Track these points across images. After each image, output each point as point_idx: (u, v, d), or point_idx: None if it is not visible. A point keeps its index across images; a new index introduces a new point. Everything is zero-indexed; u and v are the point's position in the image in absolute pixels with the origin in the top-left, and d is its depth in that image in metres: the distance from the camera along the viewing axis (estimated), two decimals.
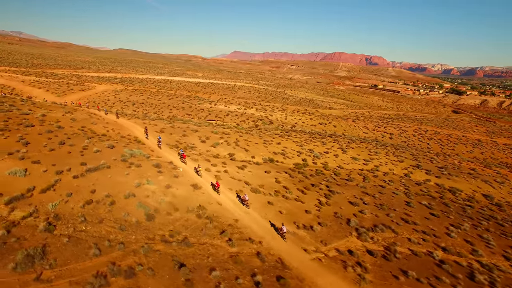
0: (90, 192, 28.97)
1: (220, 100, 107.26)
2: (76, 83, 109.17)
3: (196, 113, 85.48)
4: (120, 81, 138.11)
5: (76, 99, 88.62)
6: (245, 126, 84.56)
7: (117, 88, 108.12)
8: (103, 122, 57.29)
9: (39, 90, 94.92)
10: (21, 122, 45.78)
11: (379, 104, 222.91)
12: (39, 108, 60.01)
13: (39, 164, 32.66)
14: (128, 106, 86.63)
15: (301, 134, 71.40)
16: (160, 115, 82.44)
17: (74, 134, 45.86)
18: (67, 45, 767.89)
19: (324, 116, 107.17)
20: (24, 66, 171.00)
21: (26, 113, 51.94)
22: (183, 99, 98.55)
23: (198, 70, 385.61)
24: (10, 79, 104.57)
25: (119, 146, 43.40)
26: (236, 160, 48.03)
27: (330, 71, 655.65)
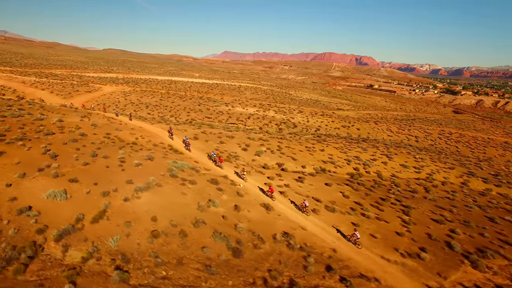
0: (151, 220, 24.11)
1: (235, 101, 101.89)
2: (80, 84, 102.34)
3: (215, 116, 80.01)
4: (124, 81, 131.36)
5: (83, 101, 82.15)
6: (269, 129, 79.41)
7: (125, 89, 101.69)
8: (128, 128, 51.74)
9: (43, 92, 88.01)
10: (39, 129, 40.17)
11: (382, 105, 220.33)
12: (50, 112, 54.24)
13: (78, 183, 27.47)
14: (142, 109, 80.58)
15: (335, 139, 66.77)
16: (178, 118, 76.76)
17: (102, 143, 40.40)
18: (55, 44, 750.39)
19: (344, 118, 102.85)
20: (17, 65, 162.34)
21: (40, 118, 46.29)
22: (197, 100, 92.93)
23: (194, 70, 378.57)
24: (10, 80, 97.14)
25: (158, 157, 38.25)
26: (288, 170, 43.68)
27: (324, 71, 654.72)
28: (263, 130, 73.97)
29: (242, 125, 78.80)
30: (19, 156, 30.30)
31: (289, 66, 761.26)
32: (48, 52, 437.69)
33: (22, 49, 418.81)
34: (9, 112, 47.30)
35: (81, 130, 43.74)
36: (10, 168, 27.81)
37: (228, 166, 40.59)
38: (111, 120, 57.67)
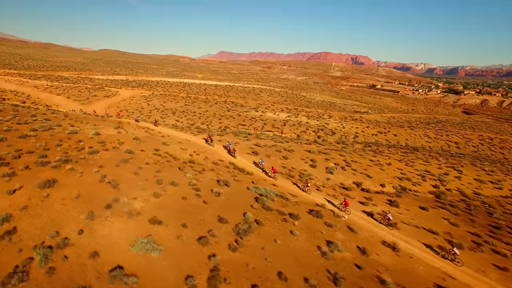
0: (280, 279, 20.24)
1: (260, 106, 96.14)
2: (95, 88, 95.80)
3: (250, 123, 74.27)
4: (137, 84, 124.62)
5: (104, 107, 75.98)
6: (308, 137, 74.00)
7: (143, 93, 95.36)
8: (174, 141, 46.29)
9: (59, 97, 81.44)
10: (80, 146, 35.58)
11: (394, 106, 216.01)
12: (79, 122, 49.21)
13: (163, 225, 22.88)
14: (168, 115, 74.52)
15: (387, 148, 61.61)
16: (210, 125, 70.95)
17: (158, 164, 35.09)
18: (50, 45, 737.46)
19: (373, 123, 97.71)
20: (20, 67, 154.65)
21: (74, 131, 41.67)
22: (224, 105, 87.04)
23: (195, 71, 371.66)
24: (21, 84, 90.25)
25: (231, 181, 33.49)
26: (370, 191, 38.56)
27: (323, 71, 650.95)
28: (309, 139, 68.63)
29: (278, 133, 73.33)
30: (74, 185, 24.62)
31: (287, 66, 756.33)
32: (45, 53, 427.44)
33: (18, 50, 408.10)
34: (38, 124, 41.89)
35: (126, 146, 38.39)
36: (71, 204, 22.39)
37: (312, 190, 35.30)
38: (149, 131, 52.14)
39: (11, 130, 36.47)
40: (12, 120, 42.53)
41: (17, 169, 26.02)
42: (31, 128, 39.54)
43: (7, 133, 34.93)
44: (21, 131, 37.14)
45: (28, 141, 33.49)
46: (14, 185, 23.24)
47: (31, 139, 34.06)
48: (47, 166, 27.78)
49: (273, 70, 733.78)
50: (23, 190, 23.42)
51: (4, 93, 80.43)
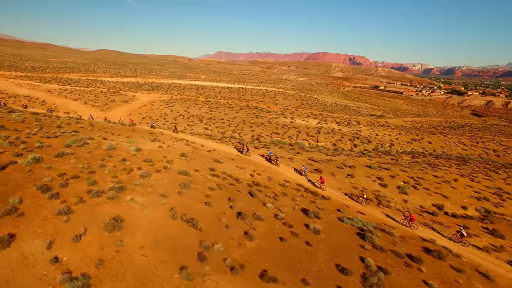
0: None
1: (285, 111, 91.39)
2: (111, 92, 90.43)
3: (283, 131, 69.60)
4: (151, 87, 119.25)
5: (125, 113, 70.84)
6: (344, 146, 69.57)
7: (161, 97, 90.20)
8: (226, 157, 41.26)
9: (75, 103, 76.09)
10: (127, 167, 30.36)
11: (405, 108, 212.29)
12: (109, 133, 46.18)
13: (281, 283, 17.78)
14: (195, 123, 69.58)
15: (437, 160, 57.16)
16: (242, 134, 66.16)
17: (222, 188, 32.31)
18: (47, 45, 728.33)
19: (404, 129, 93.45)
20: (24, 69, 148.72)
21: (112, 147, 36.33)
22: (249, 111, 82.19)
23: (197, 72, 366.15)
24: (33, 89, 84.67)
25: (315, 209, 28.83)
26: (457, 215, 34.87)
27: (324, 71, 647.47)
28: (354, 150, 64.12)
29: (314, 142, 68.72)
30: (146, 226, 20.42)
31: (287, 67, 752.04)
32: (44, 53, 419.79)
33: (16, 50, 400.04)
34: (70, 138, 38.00)
35: (177, 166, 34.64)
36: (154, 256, 17.86)
37: (394, 213, 31.21)
38: (190, 144, 47.48)
39: (43, 147, 31.96)
40: (39, 133, 37.76)
41: (70, 202, 21.47)
42: (64, 144, 34.78)
43: (41, 151, 30.36)
44: (55, 147, 32.42)
45: (67, 161, 28.86)
46: (77, 228, 18.71)
47: (69, 159, 29.37)
48: (102, 197, 23.23)
49: (273, 70, 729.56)
50: (89, 236, 18.67)
51: (18, 99, 74.99)
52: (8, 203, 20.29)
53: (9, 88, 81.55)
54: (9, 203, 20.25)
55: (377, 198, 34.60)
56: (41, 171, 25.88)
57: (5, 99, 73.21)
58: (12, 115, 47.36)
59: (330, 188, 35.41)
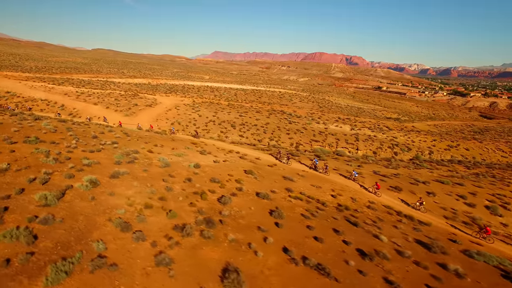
0: None
1: (312, 115, 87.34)
2: (130, 95, 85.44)
3: (322, 139, 65.43)
4: (167, 89, 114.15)
5: (152, 119, 66.17)
6: (385, 154, 65.67)
7: (184, 100, 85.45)
8: (293, 173, 37.22)
9: (97, 108, 71.16)
10: (199, 192, 26.70)
11: (415, 110, 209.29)
12: (153, 145, 40.74)
13: None
14: (228, 129, 65.13)
15: (492, 170, 53.42)
16: (280, 141, 61.91)
17: (316, 215, 29.58)
18: (43, 44, 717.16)
19: (435, 134, 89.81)
20: (27, 69, 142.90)
21: (166, 163, 32.57)
22: (279, 116, 77.90)
23: (199, 72, 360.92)
24: (49, 91, 79.42)
25: (436, 243, 24.50)
26: None
27: (324, 72, 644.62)
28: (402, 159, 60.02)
29: (354, 150, 64.75)
30: (273, 280, 16.70)
31: (286, 67, 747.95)
32: (41, 52, 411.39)
33: (13, 49, 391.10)
34: (117, 153, 33.43)
35: (249, 186, 29.96)
36: None
37: None
38: (243, 156, 43.32)
39: (92, 164, 27.66)
40: (79, 145, 33.36)
41: (162, 245, 17.65)
42: (113, 160, 30.73)
43: (93, 170, 26.23)
44: (105, 165, 28.50)
45: (127, 184, 24.96)
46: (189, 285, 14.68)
47: (128, 180, 25.69)
48: (194, 236, 20.27)
49: (272, 70, 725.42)
50: None
51: (35, 103, 69.95)
52: (92, 249, 16.00)
53: (24, 91, 76.31)
54: (93, 250, 15.96)
55: (474, 222, 30.55)
56: (105, 198, 21.75)
57: (22, 103, 68.24)
58: (41, 123, 42.98)
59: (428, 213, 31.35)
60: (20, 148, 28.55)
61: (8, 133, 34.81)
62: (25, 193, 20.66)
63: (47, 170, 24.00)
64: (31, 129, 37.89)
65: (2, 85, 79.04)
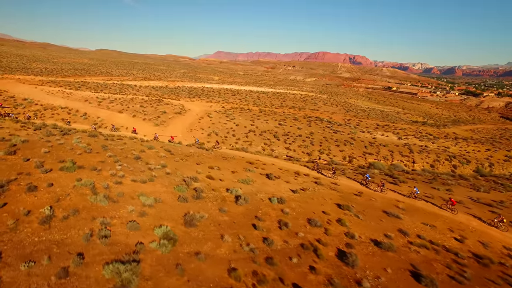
0: None
1: (349, 121, 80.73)
2: (155, 101, 78.79)
3: (374, 151, 58.61)
4: (189, 93, 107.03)
5: (185, 129, 59.53)
6: (443, 167, 58.87)
7: (213, 107, 78.68)
8: (391, 206, 30.67)
9: (122, 116, 64.51)
10: (307, 243, 21.38)
11: (435, 112, 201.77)
12: (207, 167, 35.28)
13: None
14: (272, 140, 58.38)
15: None
16: (330, 154, 55.22)
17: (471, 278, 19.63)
18: (47, 45, 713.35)
19: (482, 141, 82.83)
20: (37, 72, 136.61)
21: (243, 198, 26.96)
22: (322, 124, 71.26)
23: (208, 73, 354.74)
24: (67, 97, 72.75)
25: None
26: None
27: (330, 72, 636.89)
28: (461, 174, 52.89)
29: (410, 163, 58.03)
30: None
31: (292, 67, 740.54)
32: (47, 53, 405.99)
33: (19, 50, 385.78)
34: (178, 186, 27.19)
35: (358, 230, 24.42)
36: None
37: None
38: (318, 182, 36.75)
39: (155, 205, 22.39)
40: (125, 172, 27.56)
41: None
42: (177, 195, 24.87)
43: (159, 214, 21.36)
44: (171, 205, 23.16)
45: (217, 241, 19.37)
46: None
47: (215, 232, 20.28)
48: None
49: (277, 70, 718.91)
50: None
51: (55, 111, 63.37)
52: None
53: (42, 97, 69.74)
54: None
55: None
56: (196, 267, 16.04)
57: (41, 112, 61.78)
58: (71, 140, 36.54)
59: None
60: (58, 179, 23.10)
61: (39, 155, 28.57)
62: (86, 263, 14.50)
63: (103, 217, 18.96)
64: (62, 149, 31.65)
65: (19, 91, 72.57)
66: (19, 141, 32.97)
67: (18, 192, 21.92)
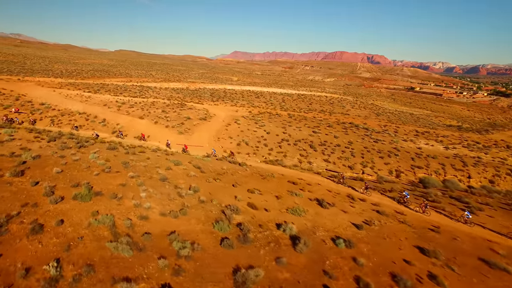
0: None
1: (385, 127, 73.80)
2: (177, 105, 74.12)
3: (423, 163, 51.70)
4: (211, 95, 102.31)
5: (212, 138, 54.24)
6: (504, 184, 51.41)
7: (239, 111, 73.39)
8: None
9: (144, 122, 59.93)
10: None
11: (467, 114, 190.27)
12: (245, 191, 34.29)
13: None
14: (308, 151, 52.31)
15: None
16: (374, 168, 48.79)
17: None
18: (68, 46, 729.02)
19: None
20: (58, 74, 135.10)
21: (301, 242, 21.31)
22: (360, 132, 64.79)
23: (226, 73, 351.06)
24: (86, 102, 68.90)
25: None
26: None
27: (350, 72, 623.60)
28: None
29: (465, 179, 50.98)
30: None
31: (310, 66, 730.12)
32: (69, 55, 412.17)
33: (42, 52, 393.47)
34: (212, 215, 24.04)
35: None
36: None
37: None
38: (382, 211, 30.74)
39: (194, 258, 17.63)
40: (151, 201, 23.29)
41: None
42: (219, 236, 20.43)
43: (200, 273, 16.55)
44: (215, 256, 18.50)
45: None
46: None
47: None
48: None
49: (295, 70, 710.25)
50: None
51: (73, 117, 59.30)
52: None
53: (59, 102, 65.97)
54: None
55: None
56: None
57: (58, 118, 57.83)
58: (88, 155, 32.01)
59: None
60: (71, 212, 19.33)
61: (50, 177, 24.06)
62: None
63: (126, 280, 14.36)
64: (77, 167, 27.26)
65: (37, 95, 69.19)
66: (30, 157, 28.85)
67: (18, 236, 17.09)
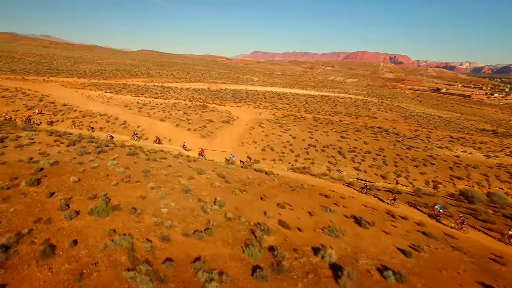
0: None
1: (415, 132, 69.23)
2: (199, 107, 72.26)
3: (463, 174, 47.33)
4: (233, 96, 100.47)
5: (236, 143, 51.83)
6: None
7: (262, 114, 70.75)
8: None
9: (165, 125, 58.29)
10: None
11: (501, 118, 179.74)
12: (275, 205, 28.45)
13: None
14: (336, 158, 48.99)
15: None
16: (409, 178, 44.95)
17: None
18: (93, 47, 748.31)
19: None
20: (82, 74, 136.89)
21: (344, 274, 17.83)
22: (391, 137, 60.81)
23: (247, 73, 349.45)
24: (107, 103, 68.22)
25: None
26: None
27: (372, 72, 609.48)
28: None
29: None
30: None
31: (331, 67, 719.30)
32: (93, 54, 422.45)
33: (69, 52, 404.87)
34: (241, 235, 22.66)
35: None
36: None
37: None
38: (428, 233, 27.12)
39: None
40: (174, 218, 21.27)
41: None
42: (250, 263, 17.79)
43: None
44: None
45: None
46: None
47: None
48: None
49: (316, 70, 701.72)
50: None
51: (94, 118, 58.43)
52: None
53: (81, 103, 65.51)
54: None
55: None
56: None
57: (79, 120, 57.11)
58: (107, 162, 30.10)
59: None
60: (86, 231, 17.52)
61: (66, 187, 22.39)
62: None
63: None
64: (95, 176, 25.57)
65: (59, 96, 69.10)
66: (48, 163, 27.31)
67: (27, 260, 15.00)
